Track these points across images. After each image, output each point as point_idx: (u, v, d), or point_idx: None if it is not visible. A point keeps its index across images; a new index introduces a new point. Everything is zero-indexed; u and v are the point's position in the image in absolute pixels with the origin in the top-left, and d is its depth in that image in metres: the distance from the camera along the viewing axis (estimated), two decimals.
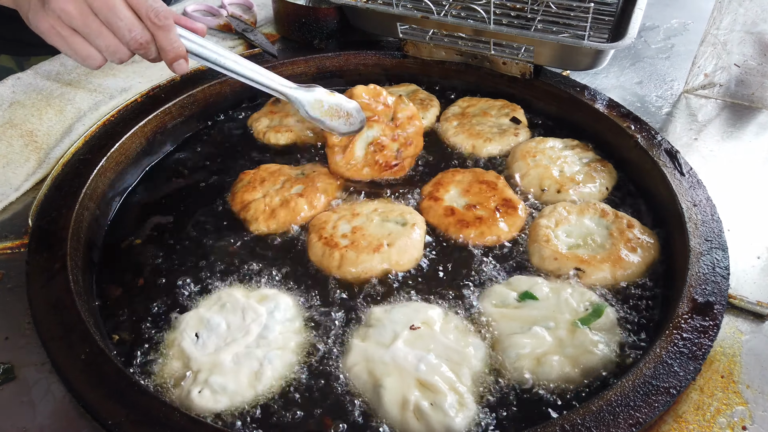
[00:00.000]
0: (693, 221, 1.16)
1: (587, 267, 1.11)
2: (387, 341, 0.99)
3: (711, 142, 1.47)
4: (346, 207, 1.29)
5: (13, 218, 1.22)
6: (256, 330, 1.02)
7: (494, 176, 1.36)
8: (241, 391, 0.94)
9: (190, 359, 0.97)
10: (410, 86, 1.71)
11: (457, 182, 1.35)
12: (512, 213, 1.27)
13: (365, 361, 0.97)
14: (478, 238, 1.22)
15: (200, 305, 1.08)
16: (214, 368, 0.96)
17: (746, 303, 1.05)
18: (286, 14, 1.78)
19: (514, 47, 1.56)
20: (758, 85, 1.55)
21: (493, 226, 1.23)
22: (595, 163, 1.39)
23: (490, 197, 1.30)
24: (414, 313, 1.04)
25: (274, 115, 1.56)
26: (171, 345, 1.01)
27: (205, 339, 1.01)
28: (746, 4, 1.46)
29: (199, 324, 1.03)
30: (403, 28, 1.63)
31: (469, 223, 1.24)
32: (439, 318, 1.04)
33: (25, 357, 0.96)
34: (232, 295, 1.08)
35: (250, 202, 1.29)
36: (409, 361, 0.95)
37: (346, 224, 1.21)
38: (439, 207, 1.29)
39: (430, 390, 0.93)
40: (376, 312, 1.06)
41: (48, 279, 1.04)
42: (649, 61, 1.80)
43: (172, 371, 0.98)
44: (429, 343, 0.99)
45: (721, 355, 0.97)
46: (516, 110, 1.58)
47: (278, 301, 1.07)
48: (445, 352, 0.98)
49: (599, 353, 0.96)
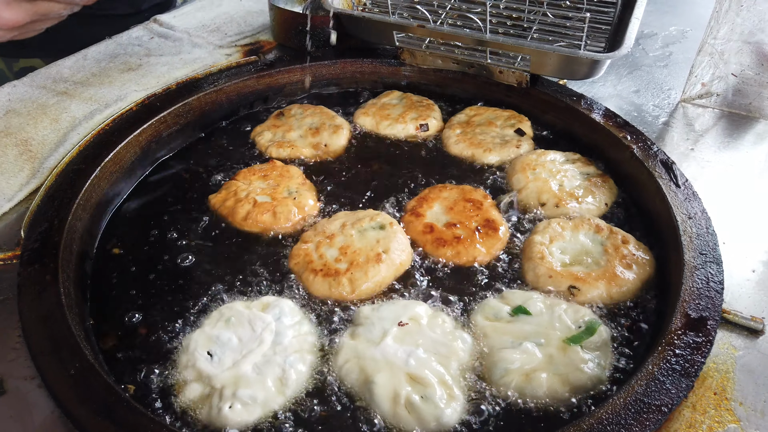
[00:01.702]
0: (688, 234, 1.15)
1: (582, 285, 1.10)
2: (376, 338, 1.01)
3: (708, 152, 1.46)
4: (314, 233, 1.25)
5: (5, 229, 1.22)
6: (269, 338, 1.02)
7: (482, 195, 1.35)
8: (271, 399, 0.95)
9: (211, 377, 0.97)
10: (394, 93, 1.71)
11: (443, 199, 1.34)
12: (492, 234, 1.24)
13: (356, 358, 0.99)
14: (453, 258, 1.21)
15: (203, 324, 1.06)
16: (238, 381, 0.96)
17: (740, 318, 1.04)
18: (283, 22, 1.78)
19: (510, 56, 1.55)
20: (755, 95, 1.55)
21: (470, 248, 1.21)
22: (596, 177, 1.37)
23: (472, 217, 1.28)
24: (402, 309, 1.06)
25: (277, 129, 1.56)
26: (185, 367, 1.00)
27: (219, 355, 1.00)
28: (743, 14, 1.45)
29: (208, 342, 1.02)
30: (399, 36, 1.62)
31: (446, 242, 1.22)
32: (426, 314, 1.07)
33: (14, 371, 0.96)
34: (234, 308, 1.08)
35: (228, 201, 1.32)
36: (398, 357, 0.98)
37: (330, 249, 1.20)
38: (419, 223, 1.28)
39: (420, 383, 0.95)
40: (364, 310, 1.08)
41: (39, 292, 1.04)
42: (646, 70, 1.80)
43: (194, 393, 0.96)
44: (417, 338, 1.02)
45: (714, 372, 0.97)
46: (522, 122, 1.57)
47: (282, 307, 1.08)
48: (433, 346, 1.01)
49: (589, 372, 0.95)
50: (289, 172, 1.40)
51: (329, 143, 1.50)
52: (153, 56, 1.76)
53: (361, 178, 1.44)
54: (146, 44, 1.83)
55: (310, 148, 1.50)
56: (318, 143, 1.50)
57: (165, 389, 0.98)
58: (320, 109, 1.62)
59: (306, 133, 1.54)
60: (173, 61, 1.74)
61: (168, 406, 0.96)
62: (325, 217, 1.31)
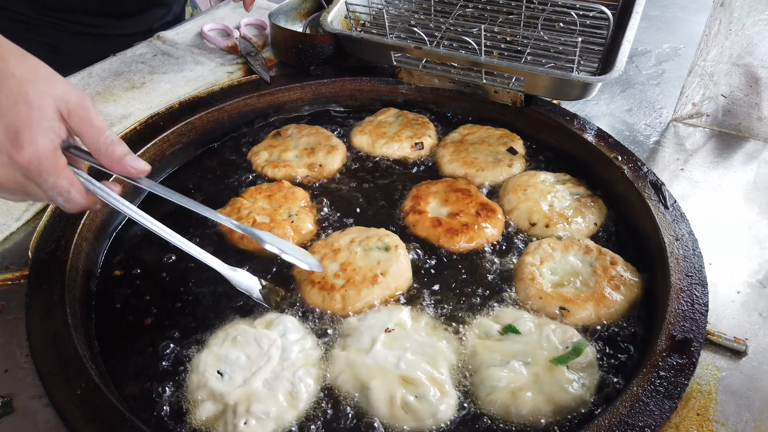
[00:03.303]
0: (675, 256, 1.19)
1: (571, 306, 1.13)
2: (366, 347, 1.07)
3: (698, 172, 1.50)
4: (323, 245, 1.30)
5: (14, 248, 1.26)
6: (276, 354, 1.06)
7: (465, 183, 1.46)
8: (283, 414, 0.99)
9: (224, 395, 1.00)
10: (390, 110, 1.75)
11: (434, 193, 1.43)
12: (493, 216, 1.37)
13: (349, 368, 1.04)
14: (469, 243, 1.31)
15: (210, 344, 1.10)
16: (251, 398, 1.00)
17: (724, 339, 1.08)
18: (283, 40, 1.82)
19: (505, 77, 1.59)
20: (745, 115, 1.58)
21: (480, 231, 1.33)
22: (586, 198, 1.41)
23: (468, 204, 1.39)
24: (387, 317, 1.12)
25: (274, 149, 1.59)
26: (197, 387, 1.02)
27: (229, 374, 1.04)
28: (732, 38, 1.49)
29: (217, 362, 1.06)
30: (396, 56, 1.66)
31: (457, 230, 1.32)
32: (409, 318, 1.13)
33: (23, 390, 0.99)
34: (239, 327, 1.11)
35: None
36: (389, 361, 1.04)
37: (333, 263, 1.24)
38: (426, 219, 1.36)
39: (413, 384, 1.01)
40: (351, 321, 1.14)
41: (46, 312, 1.07)
42: (639, 88, 1.83)
43: (207, 413, 1.00)
44: (404, 342, 1.08)
45: (697, 393, 1.00)
46: (515, 140, 1.61)
47: (285, 324, 1.12)
48: (420, 348, 1.07)
49: (574, 392, 0.98)
50: (294, 194, 1.43)
51: (324, 163, 1.54)
52: (156, 74, 1.80)
53: (354, 199, 1.48)
54: (150, 62, 1.87)
55: (305, 168, 1.53)
56: (313, 163, 1.54)
57: (177, 410, 1.02)
58: (316, 129, 1.66)
59: (302, 153, 1.57)
60: (176, 78, 1.78)
61: (182, 426, 0.99)
62: (338, 230, 1.35)
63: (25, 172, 0.90)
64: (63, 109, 0.93)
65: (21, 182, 0.92)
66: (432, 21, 1.74)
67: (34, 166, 0.90)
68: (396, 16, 1.79)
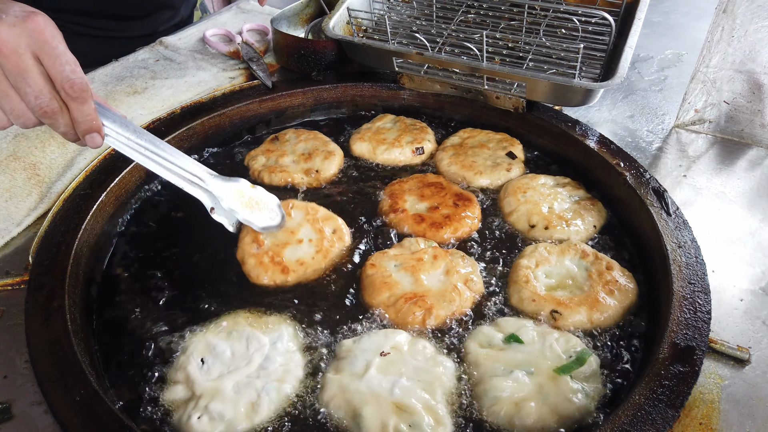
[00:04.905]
0: (677, 263, 1.18)
1: (564, 309, 1.13)
2: (360, 371, 1.03)
3: (700, 179, 1.49)
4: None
5: (14, 253, 1.26)
6: (257, 360, 1.05)
7: (435, 177, 1.50)
8: (237, 421, 0.97)
9: (195, 383, 1.01)
10: (387, 116, 1.75)
11: (408, 191, 1.46)
12: (470, 205, 1.40)
13: (342, 393, 1.00)
14: (454, 234, 1.35)
15: (208, 330, 1.11)
16: (215, 395, 0.99)
17: (727, 348, 1.07)
18: (285, 46, 1.82)
19: (507, 83, 1.59)
20: (747, 122, 1.58)
21: (463, 221, 1.37)
22: (585, 201, 1.41)
23: (444, 196, 1.43)
24: (383, 339, 1.09)
25: (271, 154, 1.59)
26: (179, 368, 1.05)
27: (210, 365, 1.05)
28: (734, 44, 1.48)
29: (205, 349, 1.07)
30: (398, 62, 1.66)
31: (441, 223, 1.36)
32: (406, 341, 1.09)
33: (22, 396, 0.99)
34: (239, 322, 1.12)
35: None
36: (383, 387, 1.00)
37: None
38: (408, 217, 1.38)
39: (407, 412, 0.97)
40: (346, 344, 1.10)
41: (46, 317, 1.07)
42: (641, 94, 1.83)
43: (176, 395, 1.02)
44: (400, 366, 1.04)
45: (700, 402, 0.99)
46: (514, 145, 1.61)
47: (282, 332, 1.10)
48: (416, 374, 1.03)
49: (578, 402, 0.98)
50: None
51: (321, 169, 1.53)
52: (158, 79, 1.80)
53: (351, 204, 1.47)
54: (152, 67, 1.87)
55: (301, 174, 1.52)
56: (309, 169, 1.53)
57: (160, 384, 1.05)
58: (314, 135, 1.65)
59: (299, 159, 1.57)
60: (178, 84, 1.78)
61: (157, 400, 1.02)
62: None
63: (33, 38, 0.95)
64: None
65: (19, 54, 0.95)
66: (434, 27, 1.74)
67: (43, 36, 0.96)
68: (398, 22, 1.79)
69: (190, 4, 2.30)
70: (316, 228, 1.33)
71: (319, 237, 1.31)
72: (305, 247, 1.30)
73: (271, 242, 1.29)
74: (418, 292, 1.18)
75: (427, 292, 1.18)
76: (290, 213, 1.33)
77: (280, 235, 1.30)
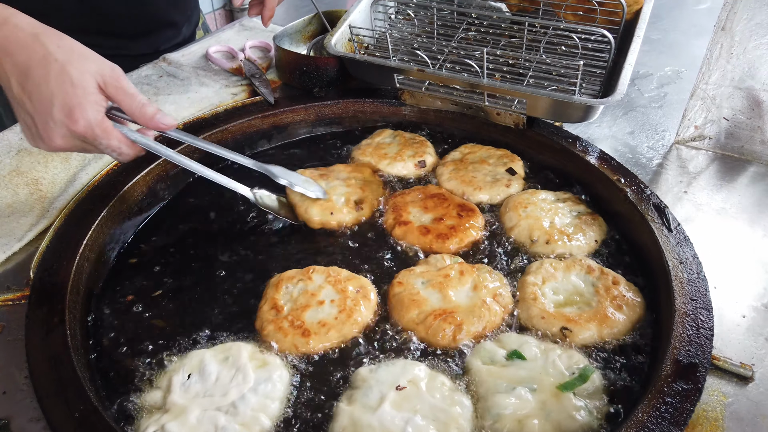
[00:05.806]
0: (679, 279, 1.18)
1: (574, 326, 1.13)
2: (374, 404, 0.99)
3: (701, 195, 1.49)
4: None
5: (15, 269, 1.26)
6: (233, 396, 1.00)
7: (436, 188, 1.51)
8: None
9: (171, 395, 1.00)
10: (386, 131, 1.75)
11: (411, 202, 1.46)
12: (473, 215, 1.42)
13: (352, 426, 0.96)
14: (459, 245, 1.35)
15: (211, 348, 1.10)
16: (179, 415, 0.96)
17: (730, 365, 1.06)
18: (287, 62, 1.83)
19: (507, 99, 1.60)
20: (747, 138, 1.58)
21: (467, 231, 1.38)
22: (586, 215, 1.41)
23: (448, 207, 1.43)
24: (400, 371, 1.04)
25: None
26: (167, 373, 1.05)
27: (192, 383, 1.03)
28: (734, 61, 1.50)
29: (197, 366, 1.05)
30: (399, 78, 1.67)
31: (447, 234, 1.36)
32: (425, 376, 1.05)
33: (21, 412, 0.99)
34: (239, 351, 1.08)
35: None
36: (396, 425, 0.95)
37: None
38: (413, 229, 1.38)
39: None
40: (362, 372, 1.06)
41: (46, 333, 1.07)
42: (641, 111, 1.84)
43: (152, 399, 1.02)
44: (416, 403, 0.99)
45: (703, 419, 0.99)
46: (514, 161, 1.61)
47: (272, 375, 1.04)
48: (432, 413, 0.99)
49: (581, 419, 0.97)
50: None
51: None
52: (161, 95, 1.82)
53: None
54: (155, 83, 1.89)
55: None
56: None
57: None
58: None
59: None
60: (181, 100, 1.80)
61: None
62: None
63: (83, 139, 1.13)
64: (100, 81, 1.13)
65: (80, 146, 1.15)
66: (435, 44, 1.76)
67: (90, 134, 1.12)
68: (399, 39, 1.81)
69: (192, 23, 2.32)
70: (339, 288, 1.23)
71: (341, 297, 1.21)
72: (327, 308, 1.19)
73: (291, 307, 1.20)
74: (447, 309, 1.17)
75: (456, 309, 1.17)
76: (311, 277, 1.25)
77: (300, 299, 1.21)
